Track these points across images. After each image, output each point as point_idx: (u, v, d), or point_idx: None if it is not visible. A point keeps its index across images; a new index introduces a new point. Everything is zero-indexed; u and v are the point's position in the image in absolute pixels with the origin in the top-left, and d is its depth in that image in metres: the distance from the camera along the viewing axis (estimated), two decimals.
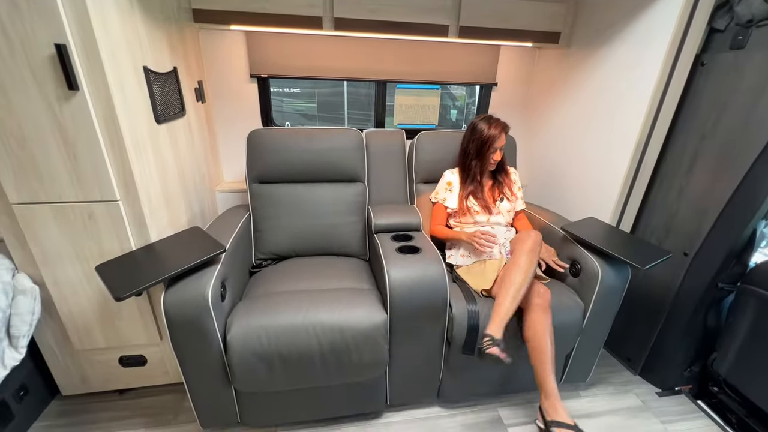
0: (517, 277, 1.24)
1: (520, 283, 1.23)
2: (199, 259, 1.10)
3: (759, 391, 1.32)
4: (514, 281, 1.23)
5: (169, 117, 1.34)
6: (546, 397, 1.21)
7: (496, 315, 1.21)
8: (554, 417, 1.18)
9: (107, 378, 1.40)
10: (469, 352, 1.26)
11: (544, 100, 2.00)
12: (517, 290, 1.22)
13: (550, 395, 1.20)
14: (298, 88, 4.25)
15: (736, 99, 1.23)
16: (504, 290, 1.24)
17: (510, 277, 1.25)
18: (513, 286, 1.23)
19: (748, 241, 1.32)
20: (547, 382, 1.20)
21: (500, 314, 1.20)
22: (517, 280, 1.23)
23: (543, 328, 1.22)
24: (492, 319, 1.21)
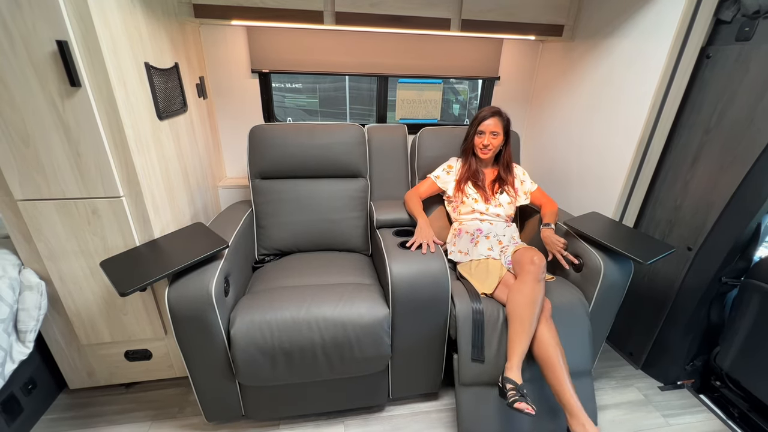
0: (525, 311, 1.17)
1: (529, 318, 1.16)
2: (202, 255, 1.11)
3: (762, 385, 1.32)
4: (523, 317, 1.16)
5: (171, 113, 1.34)
6: (571, 415, 1.09)
7: (513, 355, 1.14)
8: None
9: (113, 372, 1.42)
10: (478, 360, 1.23)
11: (547, 94, 1.98)
12: (529, 325, 1.16)
13: (576, 413, 1.08)
14: (300, 83, 4.23)
15: (742, 92, 1.22)
16: (515, 327, 1.17)
17: (518, 311, 1.18)
18: (523, 322, 1.16)
19: (753, 235, 1.31)
20: (569, 400, 1.10)
21: (517, 354, 1.13)
22: (526, 315, 1.16)
23: (549, 341, 1.17)
24: (510, 359, 1.14)
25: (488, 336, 1.24)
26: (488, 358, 1.24)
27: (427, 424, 1.39)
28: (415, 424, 1.39)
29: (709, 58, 1.30)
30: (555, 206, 1.59)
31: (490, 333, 1.24)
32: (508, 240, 1.47)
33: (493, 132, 1.51)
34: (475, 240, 1.46)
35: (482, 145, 1.52)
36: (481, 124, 1.50)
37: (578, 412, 1.08)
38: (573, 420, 1.09)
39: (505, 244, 1.45)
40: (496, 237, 1.47)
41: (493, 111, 1.50)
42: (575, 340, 1.27)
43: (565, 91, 1.83)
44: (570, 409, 1.10)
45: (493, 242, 1.45)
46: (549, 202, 1.60)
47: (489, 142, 1.51)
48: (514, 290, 1.23)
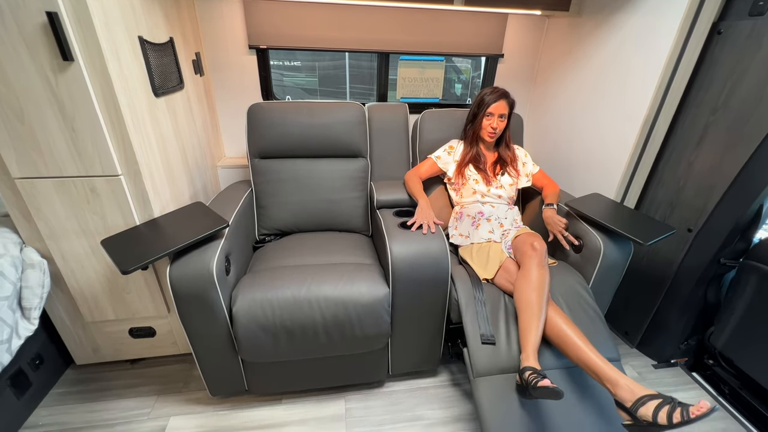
0: (533, 298, 1.13)
1: (539, 304, 1.12)
2: (203, 234, 1.11)
3: (753, 363, 1.35)
4: (532, 303, 1.12)
5: (167, 90, 1.31)
6: (612, 383, 0.96)
7: (527, 344, 1.07)
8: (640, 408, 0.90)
9: (118, 348, 1.45)
10: (489, 341, 1.16)
11: (552, 72, 1.93)
12: (539, 311, 1.11)
13: (615, 379, 0.96)
14: (299, 61, 4.14)
15: (752, 70, 1.19)
16: (525, 315, 1.12)
17: (526, 298, 1.14)
18: (532, 309, 1.11)
19: (754, 217, 1.31)
20: (602, 368, 0.99)
21: (531, 342, 1.07)
22: (535, 301, 1.12)
23: (555, 317, 1.13)
24: (524, 349, 1.07)
25: (494, 320, 1.21)
26: (499, 341, 1.17)
27: (425, 399, 1.43)
28: (414, 399, 1.43)
29: (720, 34, 1.26)
30: (557, 187, 1.59)
31: (495, 317, 1.22)
32: (509, 223, 1.47)
33: (502, 114, 1.48)
34: (476, 223, 1.46)
35: (491, 128, 1.50)
36: (491, 107, 1.47)
37: (618, 378, 0.96)
38: (616, 388, 0.95)
39: (507, 227, 1.45)
40: (497, 220, 1.46)
41: (502, 93, 1.47)
42: (591, 329, 1.19)
43: (570, 69, 1.79)
44: (607, 377, 0.97)
45: (494, 225, 1.44)
46: (551, 184, 1.60)
47: (498, 125, 1.49)
48: (520, 279, 1.19)
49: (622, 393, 0.94)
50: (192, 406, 1.38)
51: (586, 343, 1.05)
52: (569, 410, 1.06)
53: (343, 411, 1.37)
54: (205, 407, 1.38)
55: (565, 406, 1.06)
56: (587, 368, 1.02)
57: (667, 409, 0.84)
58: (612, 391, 0.96)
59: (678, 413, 0.82)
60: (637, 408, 0.89)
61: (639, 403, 0.89)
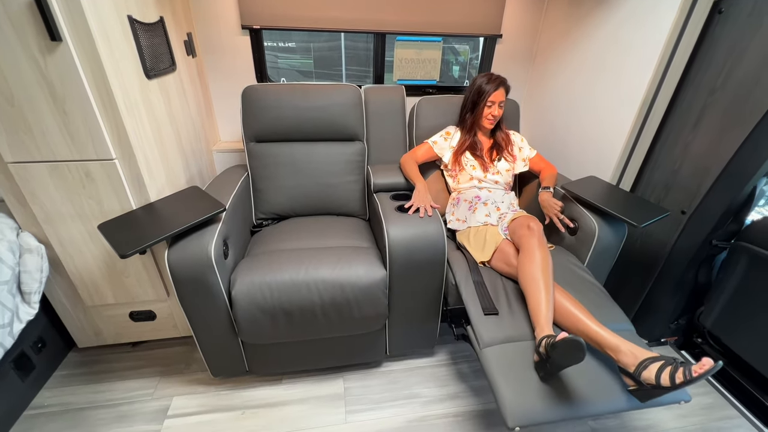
0: (539, 275, 1.11)
1: (546, 280, 1.10)
2: (200, 218, 1.11)
3: (740, 341, 1.39)
4: (538, 280, 1.10)
5: (159, 71, 1.28)
6: (614, 350, 0.95)
7: (539, 318, 1.04)
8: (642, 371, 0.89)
9: (119, 332, 1.47)
10: (492, 312, 1.14)
11: (551, 52, 1.91)
12: (547, 287, 1.08)
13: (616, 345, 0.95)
14: (293, 42, 4.05)
15: (752, 50, 1.17)
16: (533, 292, 1.09)
17: (532, 276, 1.11)
18: (538, 285, 1.09)
19: (747, 198, 1.32)
20: (602, 335, 0.98)
21: (543, 316, 1.04)
22: (541, 278, 1.10)
23: (556, 293, 1.11)
24: (537, 324, 1.04)
25: (494, 296, 1.20)
26: (502, 312, 1.14)
27: (423, 378, 1.47)
28: (411, 378, 1.46)
29: (721, 13, 1.24)
30: (554, 170, 1.59)
31: (495, 293, 1.21)
32: (506, 207, 1.48)
33: (501, 102, 1.51)
34: (473, 207, 1.47)
35: (492, 116, 1.52)
36: (492, 95, 1.48)
37: (619, 343, 0.94)
38: (618, 354, 0.94)
39: (503, 210, 1.46)
40: (494, 204, 1.47)
41: (501, 81, 1.49)
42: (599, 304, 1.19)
43: (569, 49, 1.76)
44: (608, 344, 0.96)
45: (491, 209, 1.45)
46: (548, 167, 1.60)
47: (498, 112, 1.52)
48: (522, 259, 1.18)
49: (625, 358, 0.93)
50: (194, 387, 1.41)
51: (585, 313, 1.04)
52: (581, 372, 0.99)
53: (342, 390, 1.41)
54: (207, 387, 1.41)
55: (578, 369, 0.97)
56: (588, 338, 1.00)
57: (669, 369, 0.84)
58: (614, 357, 0.95)
59: (680, 373, 0.81)
60: (640, 372, 0.88)
61: (641, 366, 0.89)
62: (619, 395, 0.94)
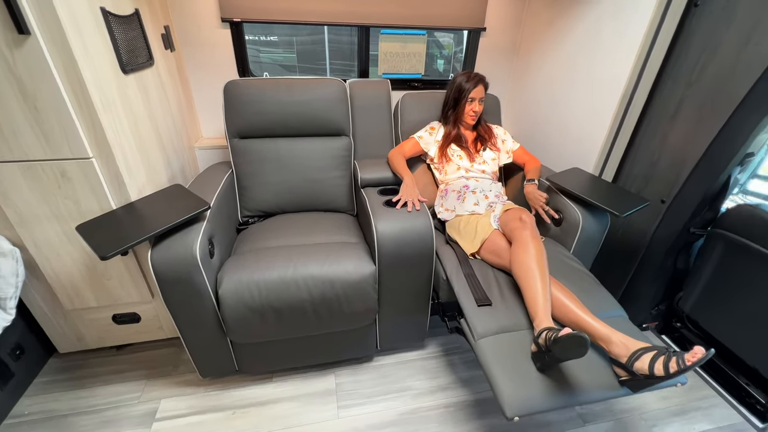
0: (534, 266, 1.10)
1: (542, 271, 1.09)
2: (184, 217, 1.08)
3: (716, 324, 1.45)
4: (534, 270, 1.09)
5: (136, 66, 1.24)
6: (606, 341, 0.95)
7: (537, 309, 1.03)
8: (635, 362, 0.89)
9: (102, 335, 1.43)
10: (485, 303, 1.13)
11: (534, 46, 1.92)
12: (543, 277, 1.08)
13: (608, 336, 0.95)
14: (276, 36, 3.96)
15: (726, 43, 1.21)
16: (529, 282, 1.08)
17: (527, 267, 1.10)
18: (534, 276, 1.08)
19: (722, 187, 1.37)
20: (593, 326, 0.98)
21: (541, 307, 1.03)
22: (537, 268, 1.09)
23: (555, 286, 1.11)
24: (535, 316, 1.03)
25: (486, 287, 1.20)
26: (495, 303, 1.14)
27: (413, 371, 1.48)
28: (402, 371, 1.47)
29: (697, 6, 1.27)
30: (538, 163, 1.62)
31: (487, 284, 1.21)
32: (494, 196, 1.49)
33: (481, 98, 1.57)
34: (462, 196, 1.48)
35: (473, 111, 1.57)
36: (472, 92, 1.54)
37: (610, 334, 0.95)
38: (610, 345, 0.94)
39: (492, 199, 1.47)
40: (482, 192, 1.48)
41: (479, 78, 1.55)
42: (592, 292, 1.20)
43: (552, 41, 1.78)
44: (600, 335, 0.96)
45: (479, 197, 1.46)
46: (532, 159, 1.63)
47: (478, 108, 1.57)
48: (516, 251, 1.16)
49: (616, 349, 0.93)
50: (182, 388, 1.39)
51: (577, 304, 1.04)
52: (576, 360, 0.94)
53: (334, 386, 1.41)
54: (196, 389, 1.39)
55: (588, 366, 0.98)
56: (580, 329, 1.00)
57: (662, 359, 0.84)
58: (606, 348, 0.95)
59: (674, 362, 0.82)
60: (632, 362, 0.89)
61: (634, 357, 0.89)
62: (614, 383, 0.95)
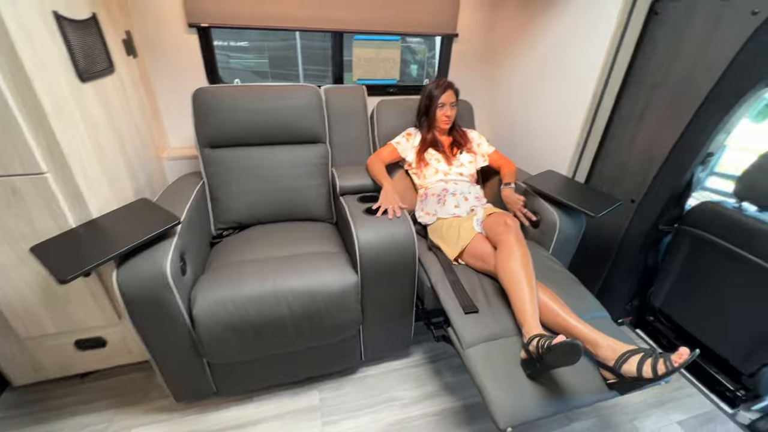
0: (520, 272, 1.09)
1: (529, 276, 1.08)
2: (152, 233, 1.02)
3: (686, 316, 1.51)
4: (520, 277, 1.07)
5: (94, 74, 1.16)
6: (593, 344, 0.96)
7: (526, 316, 1.01)
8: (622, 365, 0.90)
9: (64, 364, 1.32)
10: (472, 311, 1.12)
11: (507, 50, 1.96)
12: (530, 283, 1.07)
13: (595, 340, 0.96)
14: (246, 42, 3.87)
15: (685, 48, 1.27)
16: (516, 288, 1.07)
17: (514, 273, 1.09)
18: (521, 282, 1.07)
19: (686, 185, 1.43)
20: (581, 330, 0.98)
21: (529, 313, 1.01)
22: (523, 274, 1.08)
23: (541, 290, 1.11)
24: (524, 322, 1.01)
25: (472, 293, 1.18)
26: (482, 310, 1.13)
27: (399, 380, 1.46)
28: (388, 381, 1.45)
29: (657, 14, 1.34)
30: (513, 166, 1.64)
31: (473, 291, 1.20)
32: (474, 198, 1.50)
33: (452, 103, 1.59)
34: (442, 199, 1.47)
35: (445, 116, 1.59)
36: (441, 98, 1.56)
37: (598, 338, 0.95)
38: (597, 349, 0.95)
39: (472, 201, 1.47)
40: (462, 194, 1.49)
41: (448, 84, 1.58)
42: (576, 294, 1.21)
43: (523, 47, 1.82)
44: (587, 339, 0.95)
45: (459, 199, 1.46)
46: (507, 163, 1.65)
47: (450, 112, 1.59)
48: (501, 256, 1.15)
49: (604, 352, 0.93)
50: (156, 415, 1.30)
51: (563, 307, 1.04)
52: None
53: (318, 401, 1.36)
54: (171, 414, 1.31)
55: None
56: (567, 332, 1.00)
57: (650, 361, 0.84)
58: (593, 351, 0.95)
59: (662, 364, 0.82)
60: (620, 365, 0.89)
61: (621, 360, 0.89)
62: (602, 386, 0.95)
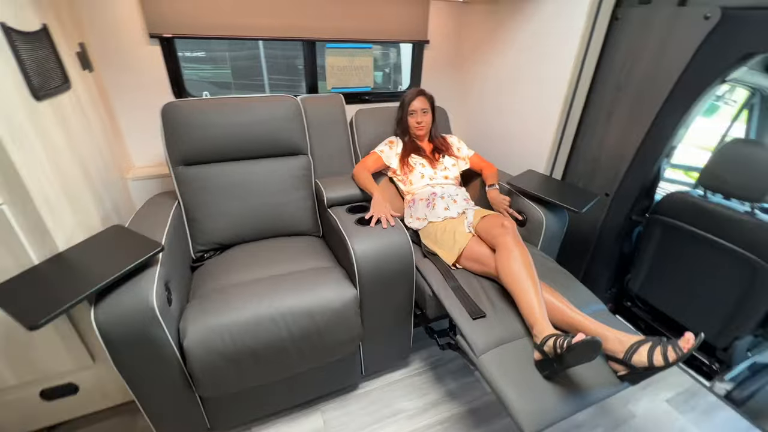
0: (523, 273, 1.09)
1: (532, 277, 1.09)
2: (133, 263, 0.92)
3: (661, 299, 1.62)
4: (524, 278, 1.08)
5: (50, 91, 1.05)
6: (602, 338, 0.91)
7: (535, 316, 1.01)
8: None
9: (27, 418, 1.17)
10: (480, 315, 1.11)
11: (477, 57, 2.02)
12: (534, 283, 1.08)
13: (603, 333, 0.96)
14: (202, 51, 3.70)
15: (646, 51, 1.37)
16: (521, 289, 1.07)
17: (517, 274, 1.09)
18: (524, 280, 1.07)
19: (655, 177, 1.54)
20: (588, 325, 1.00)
21: (538, 313, 1.02)
22: (526, 275, 1.09)
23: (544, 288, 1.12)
24: (535, 323, 1.01)
25: (475, 298, 1.18)
26: (488, 313, 1.12)
27: (402, 391, 1.43)
28: (390, 394, 1.41)
29: (618, 20, 1.43)
30: (494, 168, 1.68)
31: (476, 295, 1.19)
32: (462, 200, 1.51)
33: (423, 109, 1.60)
34: (432, 203, 1.47)
35: (416, 123, 1.61)
36: (410, 105, 1.59)
37: (605, 332, 0.96)
38: (605, 342, 0.94)
39: (460, 203, 1.48)
40: (450, 197, 1.49)
41: (418, 91, 1.61)
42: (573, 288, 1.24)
43: (493, 54, 1.88)
44: (596, 333, 0.96)
45: (448, 202, 1.47)
46: (488, 166, 1.69)
47: (421, 119, 1.60)
48: (502, 260, 1.15)
49: (612, 345, 0.94)
50: None
51: (567, 304, 1.06)
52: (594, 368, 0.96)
53: (322, 423, 1.30)
54: None
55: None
56: (574, 328, 1.01)
57: (659, 349, 0.86)
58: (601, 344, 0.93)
59: (671, 351, 0.84)
60: (630, 356, 0.90)
61: (631, 351, 0.90)
62: (614, 379, 0.96)
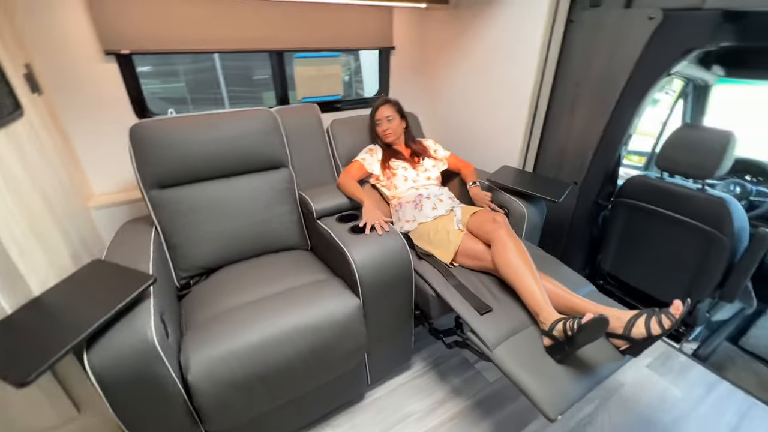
0: (521, 263, 1.14)
1: (530, 267, 1.14)
2: (125, 299, 0.85)
3: (631, 273, 1.77)
4: (523, 268, 1.13)
5: (3, 120, 0.94)
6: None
7: (539, 303, 1.06)
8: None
9: None
10: (487, 310, 1.14)
11: (442, 61, 2.08)
12: (533, 272, 1.12)
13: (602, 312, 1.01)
14: (148, 66, 3.48)
15: (599, 51, 1.50)
16: (522, 278, 1.11)
17: (515, 266, 1.14)
18: (523, 270, 1.12)
19: (616, 164, 1.68)
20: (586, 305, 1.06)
21: (542, 300, 1.06)
22: (524, 265, 1.13)
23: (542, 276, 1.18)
24: (541, 311, 1.05)
25: (478, 293, 1.21)
26: (494, 306, 1.16)
27: (408, 394, 1.43)
28: (397, 398, 1.42)
29: (572, 22, 1.55)
30: (471, 167, 1.75)
31: (478, 291, 1.22)
32: (447, 198, 1.55)
33: (388, 117, 1.64)
34: (419, 204, 1.50)
35: (382, 131, 1.65)
36: (376, 115, 1.65)
37: (604, 311, 1.01)
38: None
39: (446, 201, 1.52)
40: (436, 197, 1.53)
41: (383, 100, 1.66)
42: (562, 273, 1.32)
43: (458, 58, 1.96)
44: (596, 312, 0.99)
45: (435, 201, 1.50)
46: (465, 165, 1.76)
47: (387, 126, 1.64)
48: (498, 253, 1.20)
49: (612, 323, 0.99)
50: None
51: (564, 289, 1.13)
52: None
53: None
54: None
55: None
56: (575, 311, 1.07)
57: (654, 319, 0.93)
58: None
59: (665, 318, 0.91)
60: (629, 330, 0.96)
61: (630, 325, 0.97)
62: (616, 354, 1.03)
